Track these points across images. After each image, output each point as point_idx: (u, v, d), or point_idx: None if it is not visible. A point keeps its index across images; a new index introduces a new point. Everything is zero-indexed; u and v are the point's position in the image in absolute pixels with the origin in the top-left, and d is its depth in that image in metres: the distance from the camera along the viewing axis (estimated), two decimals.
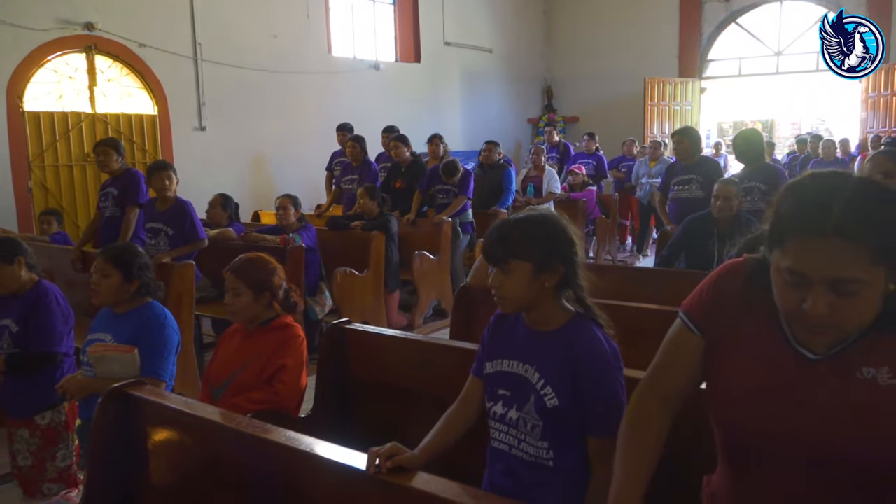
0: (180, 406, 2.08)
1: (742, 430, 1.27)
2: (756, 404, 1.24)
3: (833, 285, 1.09)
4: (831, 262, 1.08)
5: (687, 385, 1.38)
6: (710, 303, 1.34)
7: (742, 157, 4.96)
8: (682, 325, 1.38)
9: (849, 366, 1.17)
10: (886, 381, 1.15)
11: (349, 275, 5.37)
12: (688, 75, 12.27)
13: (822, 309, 1.10)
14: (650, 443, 1.37)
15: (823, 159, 8.74)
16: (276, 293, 2.59)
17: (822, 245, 1.07)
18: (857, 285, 1.08)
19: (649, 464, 1.35)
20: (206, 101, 7.90)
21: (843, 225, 1.06)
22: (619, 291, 3.83)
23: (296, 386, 2.53)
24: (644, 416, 1.40)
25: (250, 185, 8.29)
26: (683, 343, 1.37)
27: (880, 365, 1.15)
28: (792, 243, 1.12)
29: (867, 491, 1.18)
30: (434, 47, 10.97)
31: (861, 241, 1.06)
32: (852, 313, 1.11)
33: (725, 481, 1.37)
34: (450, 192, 6.49)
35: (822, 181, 1.14)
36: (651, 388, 1.42)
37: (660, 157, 8.83)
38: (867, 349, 1.16)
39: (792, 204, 1.14)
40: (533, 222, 1.71)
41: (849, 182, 1.11)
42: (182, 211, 4.72)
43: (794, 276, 1.12)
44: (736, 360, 1.28)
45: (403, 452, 1.59)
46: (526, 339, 1.75)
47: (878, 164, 2.99)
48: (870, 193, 1.10)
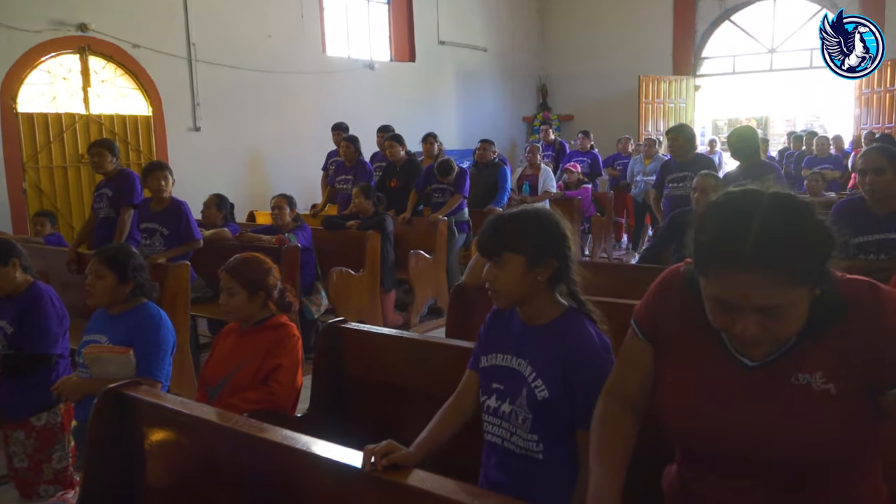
0: (176, 406, 2.08)
1: (686, 433, 1.32)
2: (698, 410, 1.28)
3: (759, 310, 1.11)
4: (753, 292, 1.10)
5: (643, 387, 1.41)
6: (653, 311, 1.38)
7: (737, 155, 4.98)
8: (632, 331, 1.43)
9: (785, 372, 1.21)
10: (820, 387, 1.18)
11: (345, 274, 5.37)
12: (682, 73, 12.29)
13: (752, 331, 1.13)
14: (619, 441, 1.40)
15: (817, 156, 8.75)
16: (270, 293, 2.60)
17: (741, 277, 1.09)
18: (782, 307, 1.11)
19: (622, 460, 1.38)
20: (200, 102, 7.89)
21: (759, 256, 1.07)
22: (615, 289, 3.84)
23: (291, 385, 2.53)
24: (608, 416, 1.44)
25: (245, 186, 8.28)
26: (635, 348, 1.42)
27: (814, 370, 1.19)
28: (713, 274, 1.14)
29: (804, 494, 1.23)
30: (428, 46, 10.97)
31: (778, 269, 1.07)
32: (783, 328, 1.14)
33: (678, 475, 1.42)
34: (445, 191, 6.49)
35: (734, 207, 1.14)
36: (612, 391, 1.46)
37: (654, 155, 8.84)
38: (801, 355, 1.19)
39: (707, 235, 1.15)
40: (526, 216, 1.73)
41: (760, 205, 1.11)
42: (177, 211, 4.72)
43: (719, 304, 1.15)
44: (678, 366, 1.32)
45: (399, 450, 1.59)
46: (519, 334, 1.77)
47: (870, 161, 3.01)
48: (781, 217, 1.10)
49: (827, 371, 1.18)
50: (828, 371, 1.18)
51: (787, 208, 1.11)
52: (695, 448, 1.33)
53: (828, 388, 1.17)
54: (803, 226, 1.10)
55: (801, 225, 1.10)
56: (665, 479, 1.49)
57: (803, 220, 1.11)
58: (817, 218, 1.13)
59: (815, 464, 1.20)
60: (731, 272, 1.10)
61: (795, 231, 1.09)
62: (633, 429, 1.42)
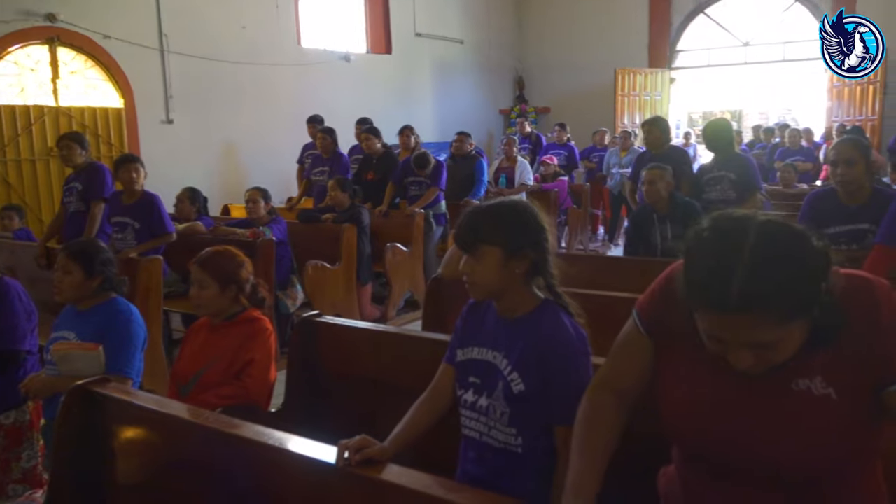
0: (146, 403, 2.04)
1: (685, 435, 1.31)
2: (696, 414, 1.26)
3: (751, 346, 1.10)
4: (742, 332, 1.08)
5: (639, 382, 1.39)
6: (658, 306, 1.35)
7: (712, 147, 5.03)
8: (633, 323, 1.40)
9: (785, 378, 1.18)
10: (820, 391, 1.16)
11: (320, 268, 5.33)
12: (657, 66, 12.35)
13: (746, 363, 1.12)
14: (604, 434, 1.38)
15: (789, 148, 8.86)
16: (242, 287, 2.56)
17: (730, 320, 1.07)
18: (777, 342, 1.09)
19: (604, 454, 1.36)
20: (173, 94, 7.78)
21: (746, 301, 1.04)
22: (592, 280, 3.85)
23: (265, 380, 2.50)
24: (598, 409, 1.42)
25: (220, 179, 8.18)
26: (634, 342, 1.39)
27: (814, 375, 1.17)
28: (701, 313, 1.12)
29: (804, 498, 1.21)
30: (405, 38, 10.91)
31: (767, 310, 1.05)
32: (778, 356, 1.13)
33: (677, 478, 1.40)
34: (422, 184, 6.47)
35: (719, 244, 1.09)
36: (604, 383, 1.44)
37: (630, 147, 8.89)
38: (801, 361, 1.17)
39: (694, 275, 1.11)
40: (503, 208, 1.72)
41: (747, 241, 1.06)
42: (149, 204, 4.65)
43: (711, 338, 1.13)
44: (679, 367, 1.30)
45: (373, 444, 1.57)
46: (495, 327, 1.75)
47: (841, 152, 3.04)
48: (769, 255, 1.06)
49: (826, 375, 1.16)
50: (827, 375, 1.16)
51: (776, 244, 1.07)
52: (694, 450, 1.31)
53: (828, 393, 1.15)
54: (794, 262, 1.05)
55: (792, 262, 1.05)
56: (661, 479, 1.48)
57: (793, 255, 1.06)
58: (810, 245, 1.08)
59: (816, 468, 1.18)
60: (719, 316, 1.08)
61: (785, 270, 1.04)
62: (621, 423, 1.40)
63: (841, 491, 1.22)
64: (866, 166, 3.03)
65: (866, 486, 1.25)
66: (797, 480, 1.20)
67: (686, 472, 1.36)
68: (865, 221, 2.99)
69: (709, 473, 1.29)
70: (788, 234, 1.08)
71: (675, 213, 4.14)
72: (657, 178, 4.13)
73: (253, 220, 5.18)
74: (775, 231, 1.08)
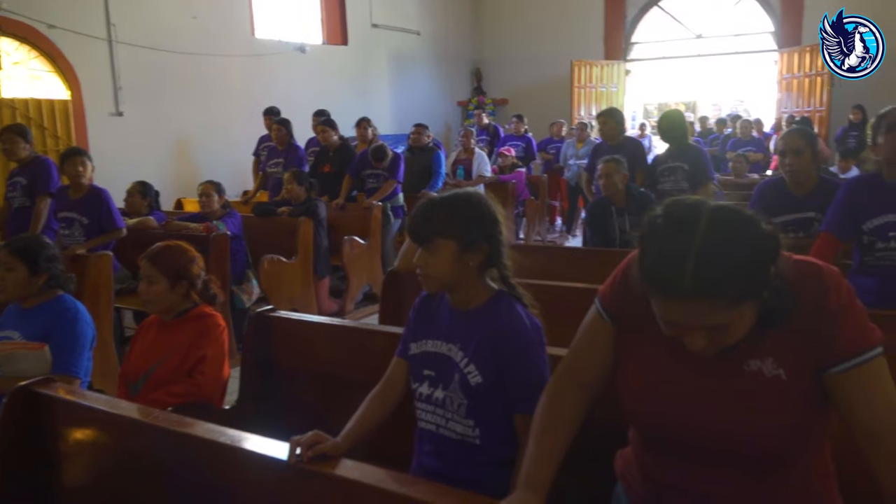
0: (94, 403, 1.98)
1: (642, 418, 1.33)
2: (653, 396, 1.29)
3: (704, 329, 1.13)
4: (696, 317, 1.11)
5: (601, 370, 1.40)
6: (618, 293, 1.37)
7: (666, 137, 5.10)
8: (596, 311, 1.41)
9: (737, 359, 1.22)
10: (771, 372, 1.20)
11: (277, 262, 5.26)
12: (613, 58, 12.48)
13: (700, 345, 1.15)
14: (564, 424, 1.39)
15: (741, 138, 9.03)
16: (193, 282, 2.51)
17: (683, 305, 1.10)
18: (728, 324, 1.12)
19: (563, 443, 1.38)
20: (122, 86, 7.58)
21: (698, 288, 1.07)
22: (549, 271, 3.89)
23: (218, 377, 2.46)
24: (559, 397, 1.42)
25: (172, 173, 8.01)
26: (597, 329, 1.40)
27: (765, 357, 1.20)
28: (655, 299, 1.15)
29: (758, 476, 1.24)
30: (361, 29, 10.82)
31: (719, 295, 1.08)
32: (731, 336, 1.16)
33: (634, 456, 1.42)
34: (380, 177, 6.43)
35: (672, 232, 1.11)
36: (567, 372, 1.44)
37: (587, 139, 8.96)
38: (753, 342, 1.20)
39: (647, 262, 1.14)
40: (458, 201, 1.70)
41: (698, 228, 1.09)
42: (97, 199, 4.52)
43: (665, 322, 1.16)
44: (638, 351, 1.33)
45: (326, 440, 1.56)
46: (449, 319, 1.75)
47: (789, 142, 3.10)
48: (720, 241, 1.08)
49: (777, 357, 1.19)
50: (778, 357, 1.19)
51: (727, 230, 1.09)
52: (651, 432, 1.34)
53: (778, 374, 1.18)
54: (744, 247, 1.08)
55: (742, 248, 1.08)
56: (618, 460, 1.50)
57: (743, 240, 1.09)
58: (760, 230, 1.11)
59: (767, 447, 1.20)
60: (673, 301, 1.10)
61: (736, 257, 1.07)
62: (581, 413, 1.42)
63: (793, 470, 1.25)
64: (813, 156, 3.10)
65: (816, 466, 1.29)
66: (750, 460, 1.23)
67: (643, 454, 1.38)
68: (812, 210, 3.06)
69: (665, 454, 1.32)
70: (738, 220, 1.11)
71: (632, 206, 4.20)
72: (613, 171, 4.18)
73: (206, 215, 5.09)
74: (725, 217, 1.11)
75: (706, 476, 1.27)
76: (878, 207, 2.63)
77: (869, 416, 1.16)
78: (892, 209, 2.61)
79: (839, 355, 1.16)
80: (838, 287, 1.18)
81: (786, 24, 11.30)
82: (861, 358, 1.16)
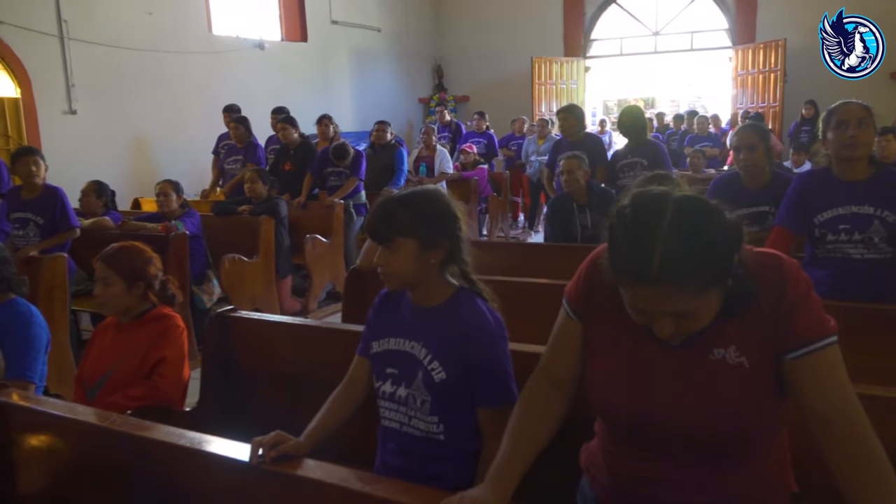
0: (50, 409, 1.94)
1: (608, 407, 1.36)
2: (620, 386, 1.31)
3: (672, 316, 1.16)
4: (664, 303, 1.14)
5: (575, 369, 1.42)
6: (583, 289, 1.39)
7: (626, 133, 5.16)
8: (564, 313, 1.44)
9: (703, 348, 1.25)
10: (734, 360, 1.23)
11: (238, 261, 5.20)
12: (573, 55, 12.58)
13: (668, 332, 1.18)
14: (540, 424, 1.41)
15: (698, 134, 9.20)
16: (151, 283, 2.46)
17: (652, 291, 1.12)
18: (695, 310, 1.15)
19: (537, 443, 1.39)
20: (75, 83, 7.40)
21: (665, 274, 1.09)
22: (512, 267, 3.92)
23: (177, 379, 2.42)
24: (535, 397, 1.44)
25: (129, 172, 7.84)
26: (566, 328, 1.43)
27: (728, 345, 1.24)
28: (624, 286, 1.17)
29: (719, 464, 1.28)
30: (321, 26, 10.73)
31: (685, 281, 1.11)
32: (696, 324, 1.19)
33: (599, 448, 1.44)
34: (342, 174, 6.40)
35: (639, 220, 1.15)
36: (542, 373, 1.47)
37: (548, 135, 9.03)
38: (718, 331, 1.24)
39: (616, 250, 1.17)
40: (417, 199, 1.70)
41: (665, 217, 1.12)
42: (52, 198, 4.41)
43: (634, 309, 1.19)
44: (605, 344, 1.35)
45: (288, 440, 1.55)
46: (411, 317, 1.75)
47: (743, 138, 3.16)
48: (687, 229, 1.11)
49: (740, 345, 1.23)
50: (740, 345, 1.23)
51: (693, 218, 1.12)
52: (617, 421, 1.36)
53: (741, 361, 1.22)
54: (709, 235, 1.12)
55: (707, 235, 1.11)
56: (583, 453, 1.52)
57: (709, 228, 1.12)
58: (724, 219, 1.15)
59: (729, 435, 1.24)
60: (642, 287, 1.13)
61: (701, 243, 1.10)
62: (558, 412, 1.43)
63: (752, 458, 1.28)
64: (766, 151, 3.17)
65: (774, 454, 1.33)
66: (713, 446, 1.26)
67: (609, 445, 1.41)
68: (766, 204, 3.13)
69: (630, 444, 1.34)
70: (704, 209, 1.15)
71: (593, 202, 4.25)
72: (575, 168, 4.23)
73: (164, 214, 5.00)
74: (692, 206, 1.14)
75: (669, 465, 1.29)
76: (829, 201, 2.70)
77: (821, 402, 1.20)
78: (841, 203, 2.68)
79: (795, 342, 1.21)
80: (797, 278, 1.22)
81: (740, 22, 11.52)
82: (816, 345, 1.20)
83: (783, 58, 10.47)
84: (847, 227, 2.65)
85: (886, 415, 1.65)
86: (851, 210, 2.65)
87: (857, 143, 2.57)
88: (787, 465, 1.36)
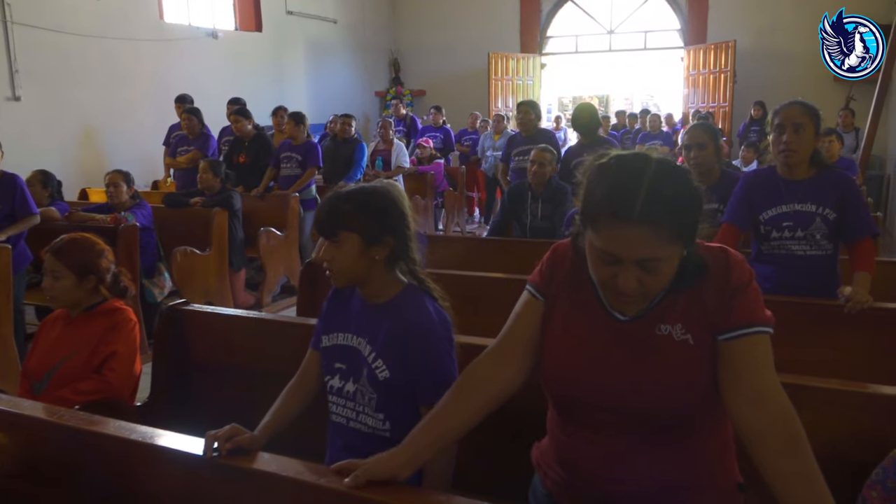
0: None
1: (559, 384, 1.40)
2: (571, 362, 1.37)
3: (641, 263, 1.21)
4: (639, 245, 1.19)
5: (527, 345, 1.44)
6: (547, 270, 1.45)
7: (580, 130, 5.23)
8: (527, 294, 1.47)
9: (650, 324, 1.32)
10: (680, 337, 1.30)
11: (190, 254, 5.11)
12: (529, 51, 12.67)
13: (633, 284, 1.23)
14: (465, 401, 1.44)
15: (650, 132, 9.36)
16: (102, 277, 2.41)
17: (630, 230, 1.18)
18: (661, 262, 1.22)
19: (459, 420, 1.43)
20: (19, 69, 7.14)
21: (647, 211, 1.16)
22: (467, 261, 3.95)
23: (128, 373, 2.38)
24: (469, 377, 1.46)
25: (76, 161, 7.62)
26: (527, 307, 1.46)
27: (675, 322, 1.30)
28: (603, 227, 1.22)
29: (665, 445, 1.33)
30: (275, 16, 10.58)
31: (662, 224, 1.18)
32: (656, 283, 1.25)
33: (550, 442, 1.48)
34: (292, 159, 6.36)
35: (625, 167, 1.23)
36: (487, 353, 1.48)
37: (503, 131, 9.08)
38: (665, 309, 1.31)
39: (600, 190, 1.23)
40: (363, 195, 1.69)
41: (649, 166, 1.21)
42: (10, 185, 4.22)
43: (606, 256, 1.23)
44: (560, 323, 1.40)
45: (243, 433, 1.54)
46: (359, 312, 1.75)
47: (693, 137, 3.24)
48: (667, 178, 1.21)
49: (686, 322, 1.29)
50: (686, 322, 1.29)
51: (672, 172, 1.23)
52: (567, 401, 1.39)
53: (686, 338, 1.29)
54: (686, 188, 1.22)
55: (684, 187, 1.22)
56: (535, 451, 1.55)
57: (686, 183, 1.23)
58: (694, 183, 1.25)
59: (675, 408, 1.29)
60: (621, 225, 1.18)
61: (679, 192, 1.20)
62: (494, 396, 1.44)
63: (697, 440, 1.34)
64: (716, 150, 3.26)
65: (718, 439, 1.38)
66: (659, 424, 1.31)
67: (558, 432, 1.44)
68: (715, 202, 3.21)
69: (578, 425, 1.38)
70: (681, 169, 1.26)
71: (546, 194, 4.33)
72: (546, 161, 4.33)
73: (114, 205, 4.89)
74: (670, 164, 1.25)
75: (616, 446, 1.34)
76: (773, 199, 2.79)
77: (752, 380, 1.26)
78: (785, 201, 2.77)
79: (733, 323, 1.27)
80: (741, 266, 1.31)
81: (692, 22, 11.76)
82: (751, 330, 1.27)
83: (733, 58, 10.73)
84: (790, 224, 2.75)
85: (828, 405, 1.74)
86: (794, 208, 2.74)
87: (789, 149, 2.68)
88: (732, 454, 1.42)
